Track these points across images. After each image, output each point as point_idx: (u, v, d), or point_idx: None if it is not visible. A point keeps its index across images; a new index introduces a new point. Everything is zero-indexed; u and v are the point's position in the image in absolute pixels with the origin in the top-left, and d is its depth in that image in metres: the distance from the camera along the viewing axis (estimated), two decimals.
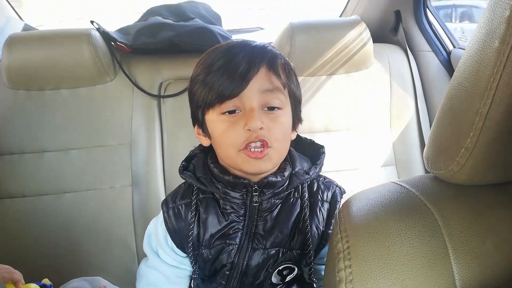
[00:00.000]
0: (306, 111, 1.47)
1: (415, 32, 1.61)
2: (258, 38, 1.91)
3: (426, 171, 0.53)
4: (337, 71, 1.48)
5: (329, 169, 1.45)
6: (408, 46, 1.60)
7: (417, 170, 1.51)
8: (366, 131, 1.50)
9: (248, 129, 0.70)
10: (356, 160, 1.49)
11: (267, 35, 1.93)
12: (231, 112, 0.72)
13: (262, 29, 2.06)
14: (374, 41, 1.52)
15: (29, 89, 1.35)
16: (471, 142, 0.42)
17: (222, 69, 0.71)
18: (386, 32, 1.69)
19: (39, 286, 0.93)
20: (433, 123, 0.50)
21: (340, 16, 1.91)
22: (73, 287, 1.25)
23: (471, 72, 0.43)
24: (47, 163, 1.34)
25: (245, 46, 0.75)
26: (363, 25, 1.47)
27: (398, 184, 0.51)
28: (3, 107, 1.34)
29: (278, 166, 0.77)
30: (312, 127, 1.46)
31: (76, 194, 1.34)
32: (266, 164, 0.74)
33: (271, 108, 0.73)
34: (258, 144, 0.72)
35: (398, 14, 1.63)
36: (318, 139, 0.88)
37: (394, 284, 0.40)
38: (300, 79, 1.43)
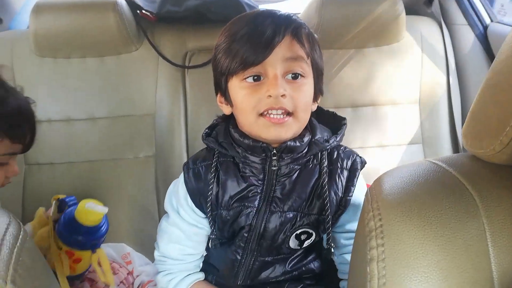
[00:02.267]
0: (332, 85, 1.46)
1: (450, 4, 1.53)
2: (285, 8, 1.87)
3: (455, 150, 0.50)
4: (367, 45, 1.43)
5: (354, 145, 1.43)
6: (442, 19, 1.53)
7: (445, 149, 1.47)
8: (394, 107, 1.46)
9: (270, 95, 0.72)
10: (382, 137, 1.46)
11: (295, 5, 1.88)
12: (255, 79, 0.74)
13: None
14: (407, 13, 1.46)
15: (56, 56, 1.35)
16: None
17: (246, 37, 0.72)
18: (420, 4, 1.62)
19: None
20: (475, 99, 0.47)
21: None
22: None
23: None
24: (74, 132, 1.36)
25: (270, 15, 0.76)
26: None
27: (433, 162, 0.49)
28: (30, 74, 1.35)
29: (298, 134, 0.78)
30: (338, 102, 1.43)
31: (101, 162, 1.36)
32: (286, 132, 0.75)
33: (295, 77, 0.74)
34: (279, 112, 0.73)
35: None
36: (344, 115, 0.87)
37: (429, 265, 0.39)
38: (328, 52, 1.41)
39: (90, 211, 0.86)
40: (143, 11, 1.41)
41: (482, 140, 0.45)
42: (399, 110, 1.47)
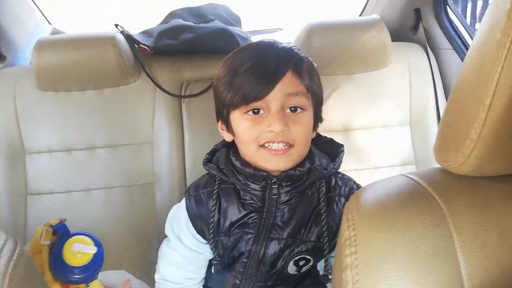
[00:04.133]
0: (324, 111, 1.46)
1: (435, 30, 1.60)
2: (277, 39, 1.94)
3: None
4: (355, 70, 1.48)
5: (348, 168, 1.46)
6: (428, 44, 1.59)
7: None
8: (385, 130, 1.50)
9: (271, 131, 0.74)
10: (375, 160, 1.49)
11: (286, 36, 1.95)
12: (256, 112, 0.76)
13: (281, 29, 2.07)
14: (395, 39, 1.51)
15: (57, 90, 1.40)
16: (475, 133, 0.43)
17: (249, 72, 0.75)
18: (406, 30, 1.68)
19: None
20: (442, 116, 0.51)
21: (360, 15, 1.92)
22: (99, 279, 1.30)
23: (475, 64, 0.44)
24: (74, 161, 1.39)
25: (272, 49, 0.78)
26: (381, 24, 1.47)
27: (407, 176, 0.53)
28: (33, 107, 1.39)
29: (297, 163, 0.80)
30: (330, 127, 1.47)
31: (101, 191, 1.39)
32: (286, 163, 0.78)
33: (294, 110, 0.77)
34: (280, 145, 0.76)
35: (418, 12, 1.62)
36: (336, 139, 0.90)
37: (398, 270, 0.42)
38: None
39: (78, 252, 0.85)
40: (141, 45, 1.47)
41: (448, 153, 0.48)
42: (390, 132, 1.50)
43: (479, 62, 0.43)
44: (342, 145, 0.87)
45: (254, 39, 1.65)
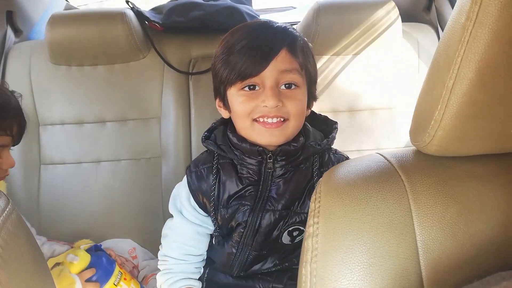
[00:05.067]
0: (330, 91, 1.51)
1: (448, 11, 1.56)
2: (289, 17, 1.93)
3: None
4: (363, 51, 1.48)
5: (351, 148, 1.47)
6: (440, 26, 1.56)
7: None
8: (390, 111, 1.50)
9: (265, 106, 0.77)
10: (378, 141, 1.49)
11: (299, 14, 1.93)
12: (251, 88, 0.79)
13: (294, 8, 2.06)
14: (406, 20, 1.50)
15: (70, 64, 1.45)
16: (439, 114, 0.45)
17: (245, 50, 0.78)
18: (418, 10, 1.65)
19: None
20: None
21: None
22: (106, 247, 1.37)
23: (443, 47, 0.46)
24: (85, 134, 1.45)
25: (267, 28, 0.81)
26: (391, 4, 1.45)
27: (381, 155, 0.55)
28: (47, 81, 1.45)
29: (291, 139, 0.84)
30: (335, 107, 1.48)
31: (110, 163, 1.45)
32: (279, 137, 0.81)
33: (289, 86, 0.79)
34: (275, 119, 0.79)
35: None
36: (342, 119, 0.92)
37: (354, 239, 0.44)
38: (325, 58, 1.47)
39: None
40: (151, 22, 1.50)
41: (417, 134, 0.50)
42: (396, 114, 1.50)
43: (446, 45, 0.45)
44: (336, 122, 0.90)
45: (266, 17, 1.66)
